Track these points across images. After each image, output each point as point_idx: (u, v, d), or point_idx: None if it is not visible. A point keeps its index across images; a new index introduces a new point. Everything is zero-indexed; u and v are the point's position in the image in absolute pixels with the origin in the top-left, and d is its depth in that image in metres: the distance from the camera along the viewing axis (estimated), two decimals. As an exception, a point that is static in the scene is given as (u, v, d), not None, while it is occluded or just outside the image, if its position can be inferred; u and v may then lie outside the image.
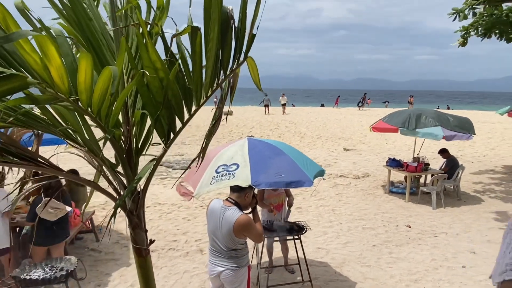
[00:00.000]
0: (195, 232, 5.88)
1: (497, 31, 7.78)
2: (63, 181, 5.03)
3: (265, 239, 4.19)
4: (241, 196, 2.97)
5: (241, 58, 1.48)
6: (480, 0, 6.89)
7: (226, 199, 2.99)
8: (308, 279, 4.01)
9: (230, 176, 3.42)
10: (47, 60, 1.08)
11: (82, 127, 1.46)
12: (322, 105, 38.73)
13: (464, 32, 8.04)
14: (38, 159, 1.39)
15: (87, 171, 5.67)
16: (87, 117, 1.44)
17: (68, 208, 4.16)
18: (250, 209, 3.05)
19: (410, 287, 4.18)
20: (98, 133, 1.62)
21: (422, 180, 8.23)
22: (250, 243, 3.18)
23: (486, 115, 23.89)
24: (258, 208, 4.31)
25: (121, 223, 6.07)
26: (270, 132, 16.94)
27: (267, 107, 25.06)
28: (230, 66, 1.48)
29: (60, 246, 4.26)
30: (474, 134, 7.37)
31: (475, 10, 7.08)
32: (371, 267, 4.67)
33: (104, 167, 1.56)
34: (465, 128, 7.19)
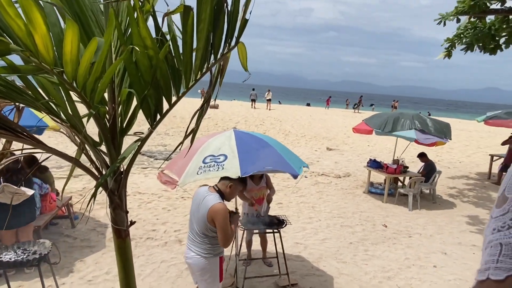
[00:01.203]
0: (175, 222, 5.84)
1: (480, 44, 8.04)
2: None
3: (245, 231, 4.21)
4: (224, 184, 3.00)
5: (233, 43, 1.47)
6: (465, 8, 7.09)
7: (212, 186, 3.05)
8: (285, 272, 4.06)
9: (219, 168, 3.40)
10: (32, 27, 1.04)
11: (66, 102, 1.42)
12: (308, 105, 39.03)
13: (449, 44, 8.25)
14: (18, 129, 1.34)
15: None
16: (72, 94, 1.41)
17: (30, 192, 4.05)
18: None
19: (383, 283, 4.30)
20: (82, 110, 1.58)
21: (399, 183, 8.45)
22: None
23: (464, 123, 24.70)
24: (240, 201, 4.33)
25: (99, 211, 5.96)
26: (255, 128, 16.96)
27: (253, 102, 26.03)
28: (221, 50, 1.47)
29: (27, 229, 4.15)
30: (450, 139, 7.61)
31: (460, 17, 7.30)
32: (347, 263, 4.77)
33: (86, 146, 1.52)
34: (442, 132, 7.40)
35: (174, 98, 1.53)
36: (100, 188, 1.63)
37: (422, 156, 8.06)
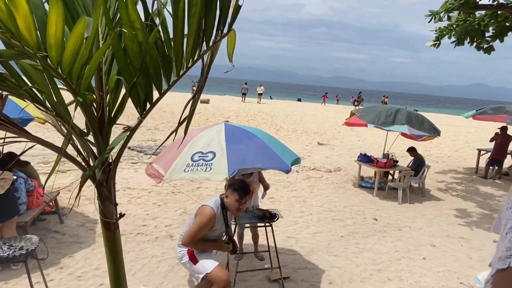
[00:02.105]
0: (165, 217, 5.78)
1: (469, 38, 8.12)
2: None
3: (237, 225, 4.18)
4: (226, 193, 3.05)
5: (225, 30, 1.43)
6: (455, 5, 7.16)
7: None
8: (277, 266, 4.05)
9: (206, 168, 3.35)
10: (13, 7, 0.98)
11: (51, 89, 1.36)
12: (299, 100, 39.10)
13: (439, 34, 8.32)
14: (1, 117, 1.27)
15: (51, 151, 5.40)
16: (57, 81, 1.35)
17: (11, 175, 3.97)
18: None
19: (374, 276, 4.33)
20: (68, 99, 1.52)
21: (389, 177, 8.54)
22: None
23: (452, 119, 25.09)
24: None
25: (88, 206, 5.86)
26: (247, 123, 16.90)
27: (244, 95, 27.11)
28: (213, 37, 1.43)
29: (10, 224, 4.05)
30: (439, 135, 7.81)
31: (450, 14, 7.36)
32: (338, 256, 4.79)
33: (73, 136, 1.47)
34: (432, 128, 7.58)
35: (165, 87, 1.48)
36: (89, 182, 1.58)
37: (411, 150, 8.15)
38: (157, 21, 1.38)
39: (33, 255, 3.22)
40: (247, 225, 4.27)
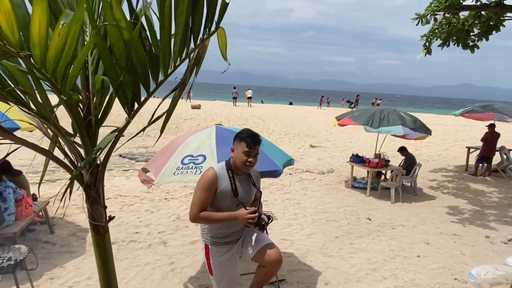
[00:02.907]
0: (159, 224, 5.71)
1: (454, 38, 8.28)
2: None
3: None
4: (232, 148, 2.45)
5: (213, 28, 1.43)
6: (440, 7, 7.29)
7: None
8: (273, 269, 4.02)
9: (196, 171, 3.31)
10: (-6, 4, 0.96)
11: (35, 89, 1.33)
12: (290, 103, 39.29)
13: (425, 40, 8.46)
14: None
15: (41, 160, 5.31)
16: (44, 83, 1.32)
17: None
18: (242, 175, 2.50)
19: (369, 275, 4.33)
20: (54, 101, 1.49)
21: (382, 178, 8.60)
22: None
23: (441, 118, 25.46)
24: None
25: (79, 215, 5.76)
26: (239, 127, 16.82)
27: (235, 99, 28.33)
28: (201, 35, 1.42)
29: None
30: (430, 134, 7.94)
31: (436, 16, 7.50)
32: (333, 257, 4.78)
33: (60, 138, 1.43)
34: (424, 127, 7.70)
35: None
36: (80, 190, 1.55)
37: (402, 150, 8.23)
38: (143, 19, 1.36)
39: (22, 266, 3.14)
40: None
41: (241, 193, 2.50)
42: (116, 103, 1.48)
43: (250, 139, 2.38)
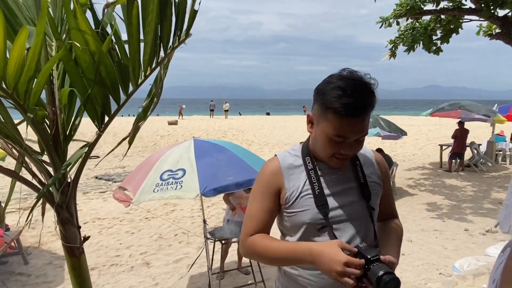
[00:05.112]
0: (140, 245, 5.52)
1: (419, 44, 8.70)
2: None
3: (219, 241, 4.02)
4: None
5: (182, 35, 1.41)
6: (403, 11, 7.65)
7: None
8: (261, 280, 3.96)
9: (177, 186, 3.22)
10: None
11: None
12: (268, 114, 39.61)
13: (392, 45, 8.85)
14: None
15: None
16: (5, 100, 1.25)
17: None
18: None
19: (357, 277, 4.33)
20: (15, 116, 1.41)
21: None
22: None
23: (412, 120, 26.38)
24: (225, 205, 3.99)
25: (54, 242, 5.48)
26: (218, 140, 16.82)
27: (212, 111, 30.22)
28: (170, 44, 1.40)
29: None
30: (406, 135, 8.23)
31: (399, 20, 7.87)
32: (321, 262, 4.76)
33: (26, 158, 1.36)
34: (398, 129, 7.98)
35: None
36: (54, 217, 1.46)
37: (378, 151, 8.42)
38: (109, 29, 1.33)
39: (-7, 301, 2.93)
40: (234, 239, 4.02)
41: (335, 201, 1.24)
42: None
43: (349, 107, 1.11)
